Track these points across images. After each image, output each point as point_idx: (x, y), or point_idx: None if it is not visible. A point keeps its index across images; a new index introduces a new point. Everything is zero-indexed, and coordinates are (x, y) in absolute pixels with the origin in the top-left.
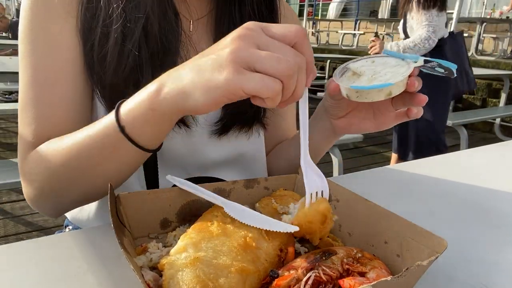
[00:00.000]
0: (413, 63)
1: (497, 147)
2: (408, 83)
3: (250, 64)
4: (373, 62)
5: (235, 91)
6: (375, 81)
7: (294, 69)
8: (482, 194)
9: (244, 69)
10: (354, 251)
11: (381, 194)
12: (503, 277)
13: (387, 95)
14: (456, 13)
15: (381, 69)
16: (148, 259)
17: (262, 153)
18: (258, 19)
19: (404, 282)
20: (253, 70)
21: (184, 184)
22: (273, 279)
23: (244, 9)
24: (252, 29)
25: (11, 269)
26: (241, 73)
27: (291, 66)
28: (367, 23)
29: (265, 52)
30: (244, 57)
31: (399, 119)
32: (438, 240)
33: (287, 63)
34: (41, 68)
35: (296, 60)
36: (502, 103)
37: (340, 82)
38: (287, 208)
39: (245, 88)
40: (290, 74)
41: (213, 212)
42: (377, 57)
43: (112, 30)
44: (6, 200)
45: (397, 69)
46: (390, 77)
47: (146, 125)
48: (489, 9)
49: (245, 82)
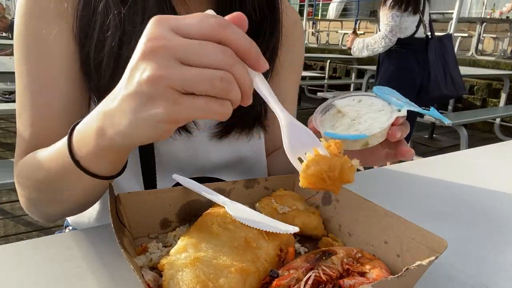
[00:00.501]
0: (397, 111)
1: (497, 147)
2: (389, 133)
3: (181, 89)
4: (360, 101)
5: (179, 121)
6: (354, 127)
7: (228, 77)
8: (482, 194)
9: (178, 96)
10: (354, 251)
11: (381, 194)
12: (503, 277)
13: (364, 145)
14: (456, 13)
15: (364, 112)
16: (148, 259)
17: (262, 156)
18: (259, 18)
19: (404, 282)
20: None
21: (188, 183)
22: (273, 279)
23: (246, 8)
24: (163, 37)
25: (11, 269)
26: (178, 103)
27: (225, 77)
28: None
29: (192, 71)
30: (172, 85)
31: (390, 158)
32: (438, 240)
33: (221, 75)
34: (35, 75)
35: (226, 61)
36: (502, 103)
37: (320, 124)
38: (287, 208)
39: (188, 118)
40: (229, 81)
41: (213, 212)
42: (366, 95)
43: (109, 36)
44: (6, 200)
45: (380, 115)
46: (369, 126)
47: (101, 160)
48: (489, 9)
49: (185, 112)
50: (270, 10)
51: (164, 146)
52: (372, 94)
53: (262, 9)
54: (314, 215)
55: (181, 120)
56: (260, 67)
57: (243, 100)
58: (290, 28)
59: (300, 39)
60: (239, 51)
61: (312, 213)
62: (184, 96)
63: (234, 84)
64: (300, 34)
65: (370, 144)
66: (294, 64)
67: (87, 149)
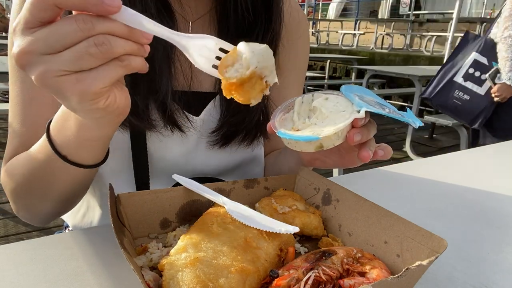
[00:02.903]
0: (356, 112)
1: (497, 147)
2: (347, 136)
3: (68, 71)
4: (326, 99)
5: (98, 96)
6: (308, 128)
7: (99, 39)
8: (482, 194)
9: (75, 76)
10: (354, 251)
11: (381, 194)
12: (503, 277)
13: (318, 148)
14: (456, 13)
15: (326, 112)
16: (148, 259)
17: (261, 157)
18: (252, 18)
19: (404, 282)
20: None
21: (188, 183)
22: (273, 279)
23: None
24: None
25: (11, 269)
26: (80, 80)
27: (97, 41)
28: (367, 23)
29: (64, 54)
30: (57, 74)
31: None
32: (438, 240)
33: (92, 42)
34: (27, 86)
35: (84, 27)
36: None
37: (281, 122)
38: (287, 208)
39: (102, 84)
40: (103, 42)
41: (213, 212)
42: (333, 94)
43: None
44: (6, 200)
45: (340, 116)
46: (325, 127)
47: (81, 149)
48: (489, 9)
49: (95, 83)
50: (265, 9)
51: (158, 153)
52: (339, 93)
53: (256, 8)
54: (314, 215)
55: (96, 95)
56: (109, 8)
57: (140, 43)
58: (293, 28)
59: (303, 37)
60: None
61: (312, 213)
62: (84, 72)
63: (111, 39)
64: (303, 32)
65: (325, 146)
66: (297, 61)
67: (70, 143)
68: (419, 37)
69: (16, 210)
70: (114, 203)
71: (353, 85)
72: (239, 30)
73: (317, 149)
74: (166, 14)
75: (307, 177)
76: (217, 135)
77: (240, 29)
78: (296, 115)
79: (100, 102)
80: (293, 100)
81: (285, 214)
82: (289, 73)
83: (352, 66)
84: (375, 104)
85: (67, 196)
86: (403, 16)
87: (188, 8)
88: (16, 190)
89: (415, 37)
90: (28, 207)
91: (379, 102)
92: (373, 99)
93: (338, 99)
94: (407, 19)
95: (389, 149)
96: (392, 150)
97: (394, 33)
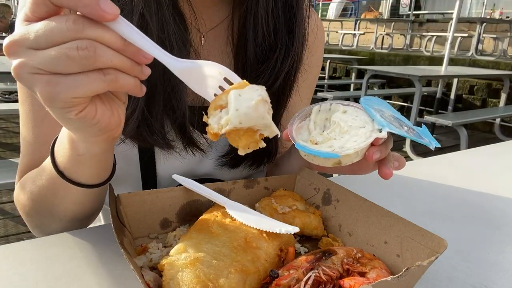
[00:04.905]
0: (377, 131)
1: (497, 147)
2: (367, 154)
3: (43, 71)
4: (345, 112)
5: (68, 105)
6: (327, 143)
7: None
8: (482, 194)
9: (48, 78)
10: (354, 251)
11: (380, 194)
12: (503, 277)
13: (335, 164)
14: (456, 13)
15: (345, 126)
16: (148, 259)
17: (264, 170)
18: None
19: (404, 282)
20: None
21: (188, 183)
22: (273, 279)
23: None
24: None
25: (11, 269)
26: (52, 84)
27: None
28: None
29: (46, 51)
30: (31, 71)
31: (377, 167)
32: (438, 240)
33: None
34: (37, 104)
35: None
36: (502, 103)
37: (296, 131)
38: (287, 208)
39: (76, 94)
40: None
41: (213, 212)
42: (352, 106)
43: None
44: (6, 200)
45: (359, 133)
46: (345, 143)
47: (81, 167)
48: (489, 9)
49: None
50: (287, 30)
51: (165, 171)
52: (359, 106)
53: (278, 30)
54: (314, 215)
55: (74, 103)
56: (103, 14)
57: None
58: (312, 47)
59: (319, 54)
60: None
61: (312, 213)
62: (59, 76)
63: (98, 47)
64: (320, 50)
65: (343, 163)
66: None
67: (67, 159)
68: (419, 37)
69: (30, 228)
70: (114, 203)
71: (372, 96)
72: (258, 52)
73: (335, 165)
74: (181, 26)
75: (307, 177)
76: (227, 157)
77: (260, 50)
78: (312, 124)
79: (71, 111)
80: (310, 108)
81: (285, 214)
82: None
83: (352, 66)
84: (394, 120)
85: (75, 216)
86: (403, 16)
87: (202, 20)
88: (26, 208)
89: (415, 37)
90: (40, 226)
91: (397, 117)
92: (392, 113)
93: (357, 112)
94: (407, 19)
95: (402, 160)
96: (405, 160)
97: (394, 33)
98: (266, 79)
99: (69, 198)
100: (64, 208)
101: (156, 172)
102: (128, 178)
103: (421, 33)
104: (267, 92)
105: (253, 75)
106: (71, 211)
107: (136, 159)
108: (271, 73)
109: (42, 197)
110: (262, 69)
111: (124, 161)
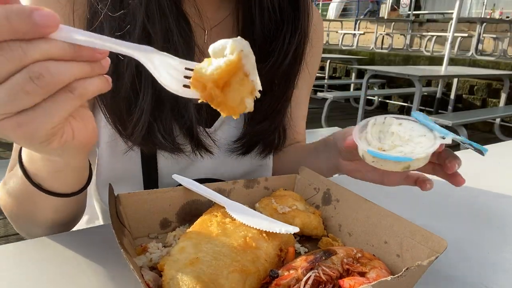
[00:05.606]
0: (441, 139)
1: (497, 147)
2: (449, 166)
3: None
4: (400, 124)
5: (48, 137)
6: (395, 149)
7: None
8: (482, 194)
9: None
10: (354, 251)
11: (381, 194)
12: (503, 277)
13: (405, 168)
14: (456, 13)
15: (405, 135)
16: (148, 259)
17: (270, 164)
18: (279, 18)
19: (404, 282)
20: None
21: (188, 183)
22: (273, 279)
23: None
24: None
25: (11, 269)
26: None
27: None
28: (367, 23)
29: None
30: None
31: (408, 182)
32: (438, 240)
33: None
34: None
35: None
36: (502, 103)
37: (359, 141)
38: (287, 208)
39: (45, 128)
40: (40, 73)
41: (213, 212)
42: (406, 119)
43: None
44: None
45: (422, 140)
46: (413, 149)
47: (56, 178)
48: (489, 9)
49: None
50: (293, 7)
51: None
52: (412, 119)
53: (283, 7)
54: (314, 215)
55: (44, 132)
56: (45, 30)
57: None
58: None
59: (319, 40)
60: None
61: (312, 213)
62: (27, 112)
63: (51, 67)
64: (320, 35)
65: (412, 167)
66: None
67: (45, 174)
68: (419, 37)
69: (17, 229)
70: (114, 203)
71: (420, 112)
72: (266, 32)
73: (403, 170)
74: (186, 28)
75: (307, 177)
76: (239, 143)
77: (267, 30)
78: (370, 136)
79: (53, 142)
80: (367, 121)
81: (285, 214)
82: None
83: (352, 66)
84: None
85: (55, 223)
86: (403, 16)
87: (206, 17)
88: (6, 209)
89: (415, 37)
90: (23, 229)
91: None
92: None
93: (411, 124)
94: (407, 19)
95: (458, 160)
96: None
97: (394, 33)
98: (276, 57)
99: (46, 205)
100: (43, 214)
101: (158, 171)
102: (129, 178)
103: (421, 33)
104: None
105: (263, 55)
106: (53, 217)
107: (138, 159)
108: (280, 51)
109: (20, 204)
110: (271, 49)
111: (125, 161)
